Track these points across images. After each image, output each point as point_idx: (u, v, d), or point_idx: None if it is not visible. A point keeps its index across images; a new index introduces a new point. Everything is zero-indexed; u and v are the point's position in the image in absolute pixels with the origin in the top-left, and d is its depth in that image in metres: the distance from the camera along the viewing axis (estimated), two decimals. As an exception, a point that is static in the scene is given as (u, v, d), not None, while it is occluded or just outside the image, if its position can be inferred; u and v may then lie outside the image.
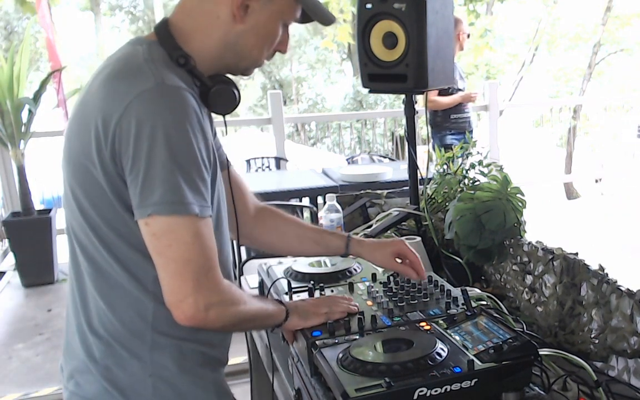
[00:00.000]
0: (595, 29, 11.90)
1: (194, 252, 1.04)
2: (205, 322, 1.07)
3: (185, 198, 1.02)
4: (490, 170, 1.85)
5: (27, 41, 4.90)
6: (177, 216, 1.02)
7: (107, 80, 1.08)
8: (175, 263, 1.04)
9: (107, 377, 1.12)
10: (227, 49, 1.16)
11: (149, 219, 1.03)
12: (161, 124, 1.01)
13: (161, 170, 1.01)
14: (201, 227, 1.05)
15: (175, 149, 1.02)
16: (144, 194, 1.02)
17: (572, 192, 10.46)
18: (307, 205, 4.15)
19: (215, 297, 1.07)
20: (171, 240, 1.03)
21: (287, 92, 15.72)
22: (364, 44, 1.90)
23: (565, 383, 1.18)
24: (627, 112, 8.90)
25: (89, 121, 1.06)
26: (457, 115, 4.98)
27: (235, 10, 1.12)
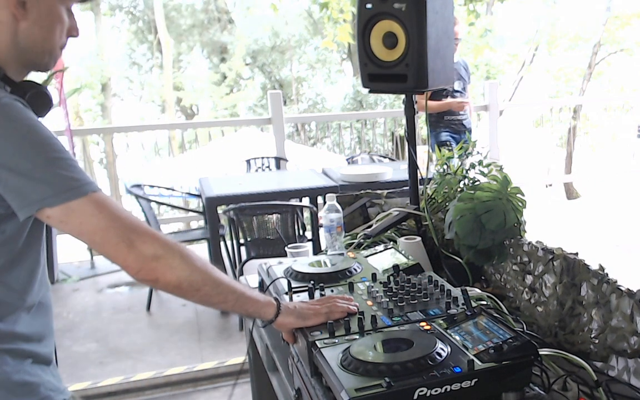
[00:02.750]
0: (595, 29, 11.90)
1: (105, 218, 1.08)
2: (156, 272, 1.09)
3: (69, 184, 1.07)
4: (490, 170, 1.85)
5: (27, 41, 4.90)
6: (73, 200, 1.07)
7: None
8: (96, 234, 1.09)
9: None
10: (21, 49, 1.17)
11: (42, 212, 1.07)
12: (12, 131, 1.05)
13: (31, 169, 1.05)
14: (97, 199, 1.09)
15: (36, 145, 1.06)
16: (25, 194, 1.06)
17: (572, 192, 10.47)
18: (307, 205, 4.15)
19: (158, 246, 1.10)
20: (80, 219, 1.08)
21: (287, 92, 15.71)
22: (364, 44, 1.90)
23: (565, 383, 1.18)
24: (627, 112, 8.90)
25: None
26: (451, 117, 5.01)
27: (14, 9, 1.13)
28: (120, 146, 8.00)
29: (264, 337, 1.72)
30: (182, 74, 16.80)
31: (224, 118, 14.74)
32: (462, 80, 5.04)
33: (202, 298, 1.17)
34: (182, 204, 7.63)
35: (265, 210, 4.03)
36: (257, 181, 4.69)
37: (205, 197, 4.06)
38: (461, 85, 5.02)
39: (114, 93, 16.53)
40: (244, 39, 16.06)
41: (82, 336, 3.97)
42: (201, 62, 17.17)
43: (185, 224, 7.21)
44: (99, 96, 15.54)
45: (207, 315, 4.22)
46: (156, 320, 4.23)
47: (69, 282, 4.93)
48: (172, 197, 6.10)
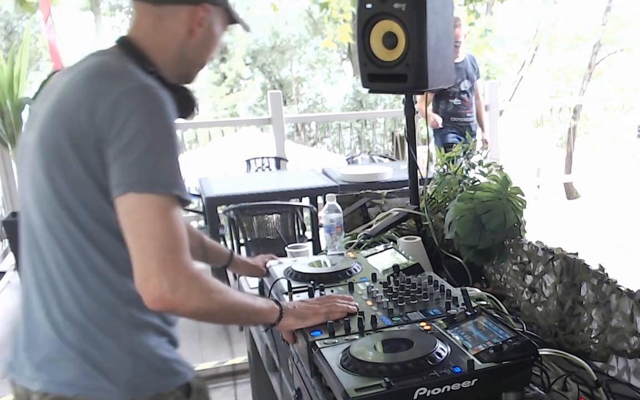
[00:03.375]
0: (595, 29, 11.90)
1: (160, 229, 1.08)
2: (174, 304, 1.09)
3: (159, 179, 1.09)
4: (490, 170, 1.85)
5: (27, 41, 4.90)
6: (149, 194, 1.08)
7: (88, 80, 1.15)
8: (142, 238, 1.08)
9: (86, 359, 1.16)
10: (183, 61, 1.28)
11: (123, 196, 1.09)
12: (146, 117, 1.10)
13: (142, 154, 1.09)
14: (171, 209, 1.10)
15: (157, 138, 1.10)
16: (123, 174, 1.09)
17: (572, 192, 10.47)
18: (307, 205, 4.15)
19: (182, 279, 1.09)
20: (140, 216, 1.08)
21: (287, 92, 15.71)
22: (364, 44, 1.90)
23: (565, 383, 1.18)
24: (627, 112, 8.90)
25: (69, 116, 1.13)
26: (457, 119, 4.98)
27: (194, 27, 1.25)
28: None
29: (263, 337, 1.72)
30: (182, 74, 16.75)
31: (224, 118, 14.74)
32: (469, 80, 5.00)
33: (216, 321, 1.27)
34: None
35: (265, 210, 4.03)
36: (257, 181, 4.69)
37: (205, 197, 4.06)
38: (468, 85, 4.99)
39: (114, 93, 16.48)
40: (244, 39, 16.06)
41: (82, 336, 3.96)
42: (201, 62, 17.13)
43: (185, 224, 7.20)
44: (99, 96, 15.49)
45: (207, 315, 4.21)
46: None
47: (69, 282, 4.93)
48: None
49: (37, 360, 1.19)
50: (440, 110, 4.96)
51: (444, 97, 4.90)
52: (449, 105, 4.96)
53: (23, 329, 1.24)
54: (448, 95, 4.90)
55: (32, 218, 1.20)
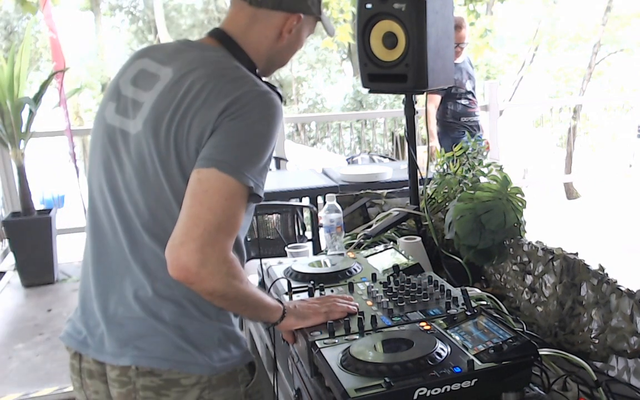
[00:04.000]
0: (595, 29, 11.90)
1: (223, 207, 1.12)
2: (194, 278, 1.11)
3: (245, 169, 1.14)
4: (490, 170, 1.85)
5: (27, 41, 4.90)
6: (228, 176, 1.13)
7: (209, 80, 1.20)
8: (201, 206, 1.11)
9: (180, 335, 1.21)
10: (269, 61, 1.36)
11: (206, 169, 1.13)
12: (258, 116, 1.17)
13: (241, 144, 1.15)
14: (241, 198, 1.15)
15: (260, 137, 1.17)
16: (215, 151, 1.14)
17: (572, 192, 10.46)
18: (307, 205, 4.15)
19: (214, 258, 1.11)
20: (211, 188, 1.12)
21: (287, 92, 15.71)
22: (364, 44, 1.90)
23: (565, 383, 1.18)
24: (627, 112, 8.90)
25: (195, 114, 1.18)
26: (467, 118, 4.94)
27: (286, 33, 1.32)
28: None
29: (264, 337, 1.72)
30: (182, 74, 16.77)
31: (224, 118, 14.70)
32: (472, 80, 4.99)
33: (227, 306, 1.24)
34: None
35: (265, 210, 4.03)
36: (257, 181, 4.68)
37: (205, 197, 4.05)
38: (472, 84, 4.97)
39: (114, 93, 16.50)
40: (244, 39, 16.04)
41: (82, 336, 3.96)
42: (201, 62, 17.15)
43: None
44: (99, 96, 15.55)
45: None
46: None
47: (69, 282, 4.93)
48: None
49: (123, 337, 1.23)
50: (449, 111, 4.91)
51: (451, 99, 4.86)
52: (458, 106, 4.92)
53: (98, 306, 1.27)
54: (455, 97, 4.87)
55: (128, 205, 1.23)
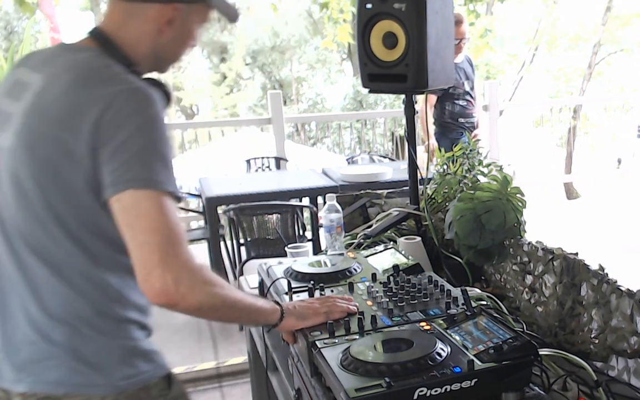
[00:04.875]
0: (595, 29, 11.90)
1: (160, 223, 1.09)
2: (177, 298, 1.09)
3: (157, 176, 1.10)
4: (490, 170, 1.85)
5: (27, 41, 4.90)
6: (147, 190, 1.09)
7: (76, 84, 1.14)
8: (143, 233, 1.09)
9: (74, 356, 1.17)
10: (155, 57, 1.28)
11: (121, 194, 1.09)
12: (139, 119, 1.11)
13: (138, 153, 1.10)
14: (169, 204, 1.11)
15: (153, 137, 1.12)
16: (120, 172, 1.09)
17: (572, 192, 10.46)
18: (307, 205, 4.15)
19: (185, 273, 1.09)
20: (140, 211, 1.09)
21: (287, 92, 15.71)
22: (364, 44, 1.90)
23: (565, 383, 1.18)
24: (627, 112, 8.90)
25: (60, 123, 1.13)
26: (465, 119, 4.92)
27: (162, 26, 1.23)
28: (120, 146, 7.98)
29: (264, 337, 1.72)
30: (182, 74, 16.79)
31: (224, 118, 14.75)
32: (470, 80, 4.98)
33: (218, 318, 1.22)
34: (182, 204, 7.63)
35: (265, 210, 4.03)
36: (257, 181, 4.69)
37: (205, 197, 4.06)
38: (470, 84, 4.96)
39: (114, 93, 16.49)
40: (244, 39, 16.06)
41: (82, 336, 3.96)
42: (201, 62, 17.17)
43: (185, 224, 7.21)
44: (99, 96, 15.50)
45: (207, 315, 4.21)
46: (156, 320, 4.18)
47: (69, 282, 4.92)
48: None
49: (19, 363, 1.19)
50: (446, 111, 4.90)
51: (449, 99, 4.84)
52: (456, 107, 4.89)
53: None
54: (453, 97, 4.84)
55: (8, 222, 1.19)
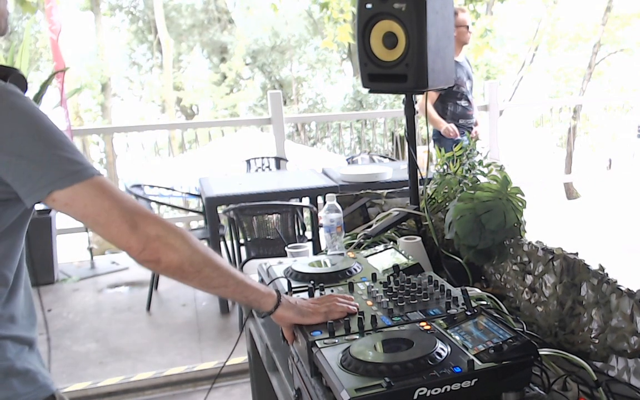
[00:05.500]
0: (595, 29, 11.90)
1: (110, 199, 1.09)
2: (160, 252, 1.10)
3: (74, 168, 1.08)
4: (490, 170, 1.85)
5: (27, 41, 4.90)
6: (77, 184, 1.08)
7: None
8: (100, 215, 1.09)
9: None
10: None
11: (50, 195, 1.08)
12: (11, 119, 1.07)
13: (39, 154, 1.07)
14: (100, 183, 1.10)
15: (40, 131, 1.08)
16: (32, 181, 1.07)
17: (572, 192, 10.46)
18: (307, 205, 4.15)
19: (160, 227, 1.10)
20: (84, 200, 1.09)
21: (287, 92, 15.71)
22: (364, 44, 1.90)
23: (565, 383, 1.18)
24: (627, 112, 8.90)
25: None
26: (465, 121, 4.89)
27: None
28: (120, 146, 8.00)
29: (264, 337, 1.72)
30: (182, 74, 16.80)
31: (224, 118, 14.75)
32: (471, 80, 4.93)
33: (203, 280, 1.17)
34: (182, 204, 7.63)
35: (265, 210, 4.03)
36: (257, 181, 4.69)
37: (205, 197, 4.06)
38: (470, 84, 4.93)
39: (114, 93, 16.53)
40: (244, 39, 16.06)
41: (82, 336, 3.97)
42: (201, 62, 17.18)
43: (185, 224, 7.21)
44: (99, 96, 15.55)
45: (207, 315, 4.22)
46: (156, 320, 4.23)
47: (69, 282, 4.93)
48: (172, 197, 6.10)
49: None
50: (448, 112, 4.86)
51: (451, 99, 4.77)
52: (457, 107, 4.84)
53: None
54: (455, 97, 4.78)
55: None
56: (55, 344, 3.75)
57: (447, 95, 4.75)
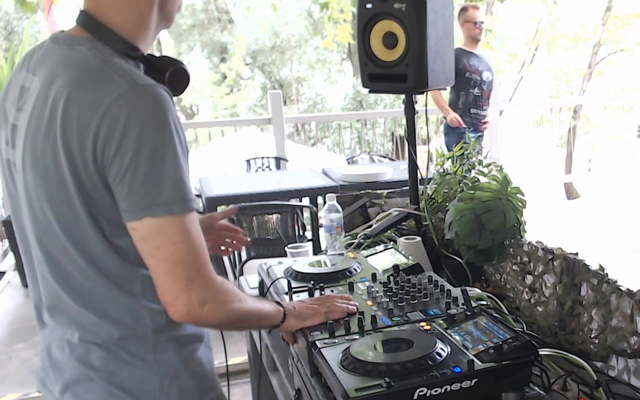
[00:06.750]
0: (595, 29, 11.90)
1: (183, 250, 1.04)
2: (200, 318, 1.08)
3: (176, 197, 1.03)
4: (490, 170, 1.85)
5: (27, 41, 4.91)
6: (164, 218, 1.02)
7: (72, 89, 1.02)
8: (165, 263, 1.04)
9: (111, 381, 1.13)
10: (161, 16, 1.17)
11: (139, 222, 1.02)
12: (144, 126, 1.00)
13: (149, 172, 1.00)
14: (187, 224, 1.05)
15: (160, 150, 1.01)
16: (134, 198, 1.02)
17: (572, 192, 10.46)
18: (307, 205, 4.15)
19: (209, 293, 1.07)
20: (159, 241, 1.03)
21: (287, 92, 15.72)
22: (364, 44, 1.90)
23: (565, 383, 1.18)
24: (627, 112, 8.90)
25: (63, 136, 1.02)
26: (476, 111, 4.83)
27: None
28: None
29: (264, 337, 1.72)
30: (182, 74, 16.75)
31: (224, 118, 14.75)
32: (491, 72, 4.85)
33: (234, 329, 1.20)
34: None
35: (265, 210, 4.03)
36: (257, 181, 4.69)
37: (205, 197, 4.06)
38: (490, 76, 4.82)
39: (114, 93, 16.49)
40: (244, 39, 16.06)
41: (82, 336, 3.96)
42: (201, 62, 17.17)
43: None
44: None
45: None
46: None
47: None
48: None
49: (62, 381, 1.16)
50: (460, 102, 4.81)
51: (465, 87, 4.72)
52: (470, 96, 4.77)
53: (46, 347, 1.20)
54: (469, 84, 4.72)
55: (33, 249, 1.14)
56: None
57: (461, 85, 4.70)
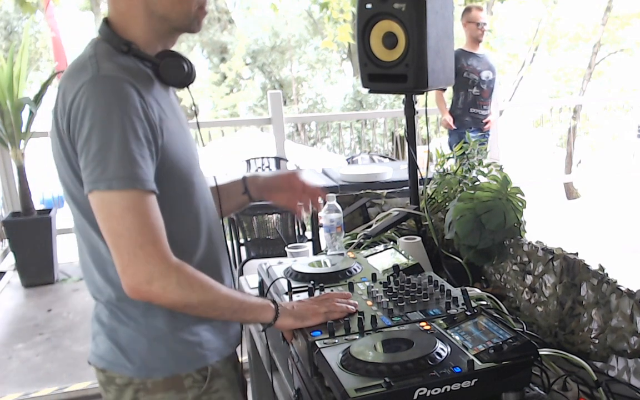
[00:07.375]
0: (595, 29, 11.89)
1: (124, 225, 1.11)
2: (149, 295, 1.13)
3: (118, 174, 1.10)
4: (490, 170, 1.85)
5: (27, 41, 4.90)
6: (110, 191, 1.11)
7: (62, 78, 1.22)
8: (110, 236, 1.13)
9: (112, 336, 1.26)
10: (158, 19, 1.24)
11: (91, 194, 1.13)
12: (95, 110, 1.11)
13: (99, 150, 1.11)
14: (132, 200, 1.11)
15: (108, 131, 1.11)
16: (86, 172, 1.13)
17: (572, 192, 10.46)
18: (307, 205, 4.14)
19: (157, 271, 1.11)
20: (103, 214, 1.13)
21: (287, 92, 15.71)
22: (364, 44, 1.90)
23: (565, 383, 1.18)
24: (627, 112, 8.90)
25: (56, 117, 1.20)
26: (476, 111, 4.82)
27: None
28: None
29: (263, 337, 1.72)
30: (182, 74, 16.74)
31: (224, 118, 14.75)
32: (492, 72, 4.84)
33: (199, 314, 1.23)
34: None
35: (265, 210, 4.03)
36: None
37: (205, 197, 4.05)
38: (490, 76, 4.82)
39: (114, 93, 16.49)
40: (244, 39, 16.06)
41: (82, 336, 3.96)
42: (201, 62, 17.17)
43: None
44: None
45: (207, 315, 4.21)
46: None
47: (69, 282, 4.93)
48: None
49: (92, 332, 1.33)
50: (459, 102, 4.81)
51: (463, 87, 4.73)
52: (469, 96, 4.77)
53: None
54: (467, 84, 4.73)
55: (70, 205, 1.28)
56: (55, 344, 3.75)
57: (460, 84, 4.70)
